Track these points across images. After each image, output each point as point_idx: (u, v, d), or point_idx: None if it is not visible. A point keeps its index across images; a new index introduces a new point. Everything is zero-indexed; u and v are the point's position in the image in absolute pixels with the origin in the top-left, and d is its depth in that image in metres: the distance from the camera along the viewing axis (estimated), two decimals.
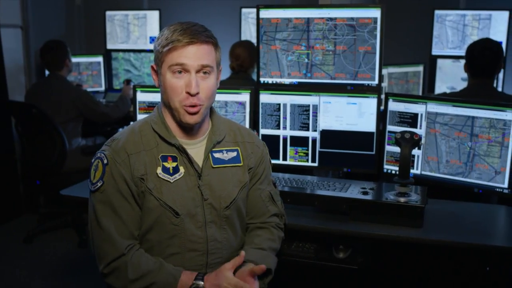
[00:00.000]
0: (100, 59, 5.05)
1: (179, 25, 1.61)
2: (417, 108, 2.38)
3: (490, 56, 2.98)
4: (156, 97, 2.59)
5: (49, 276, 3.46)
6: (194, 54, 1.58)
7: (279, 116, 2.55)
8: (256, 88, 2.59)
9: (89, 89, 4.76)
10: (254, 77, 3.58)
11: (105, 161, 1.63)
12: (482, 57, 2.98)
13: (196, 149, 1.71)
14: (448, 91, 4.10)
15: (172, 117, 1.68)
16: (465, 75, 3.25)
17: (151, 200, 1.63)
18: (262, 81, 2.63)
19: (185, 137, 1.70)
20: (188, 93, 1.59)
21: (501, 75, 3.89)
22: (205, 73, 1.61)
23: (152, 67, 1.70)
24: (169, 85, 1.61)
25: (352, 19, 2.44)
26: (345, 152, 2.49)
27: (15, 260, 3.68)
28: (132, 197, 1.64)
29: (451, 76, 4.24)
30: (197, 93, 1.60)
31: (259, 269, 1.60)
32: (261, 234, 1.80)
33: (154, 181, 1.64)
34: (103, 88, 5.07)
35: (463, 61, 3.13)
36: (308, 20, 2.51)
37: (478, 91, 2.96)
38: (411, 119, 2.39)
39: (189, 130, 1.69)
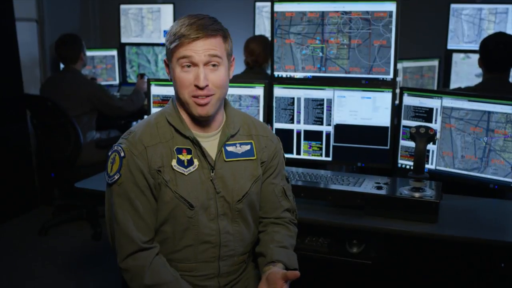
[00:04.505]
0: (114, 52, 5.07)
1: (187, 19, 1.60)
2: (432, 103, 2.36)
3: (505, 50, 2.96)
4: (170, 91, 2.60)
5: (63, 268, 3.49)
6: (201, 48, 1.58)
7: (293, 110, 2.55)
8: (270, 82, 2.59)
9: (103, 83, 4.79)
10: (269, 72, 3.58)
11: (122, 154, 1.64)
12: (497, 51, 2.96)
13: (210, 142, 1.71)
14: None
15: (185, 110, 1.68)
16: (478, 71, 3.22)
17: (167, 192, 1.64)
18: (276, 75, 2.63)
19: (199, 130, 1.70)
20: (196, 86, 1.59)
21: None
22: (214, 65, 1.61)
23: (164, 61, 1.71)
24: (178, 79, 1.62)
25: (367, 12, 2.43)
26: (359, 147, 2.48)
27: (30, 252, 3.72)
28: (149, 190, 1.64)
29: (466, 74, 4.20)
30: (206, 86, 1.60)
31: (292, 275, 1.58)
32: (279, 230, 1.80)
33: (170, 173, 1.64)
34: (117, 82, 5.10)
35: (473, 56, 3.10)
36: (323, 14, 2.50)
37: (494, 85, 2.94)
38: (426, 114, 2.37)
39: (203, 123, 1.69)
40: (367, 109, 2.45)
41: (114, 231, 1.66)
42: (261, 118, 2.54)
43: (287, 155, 2.29)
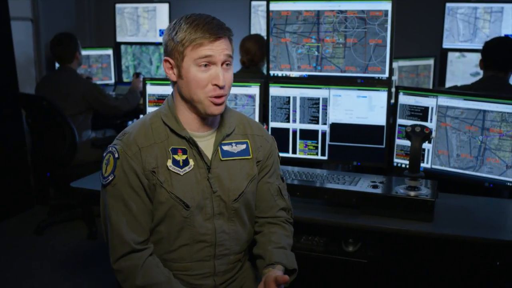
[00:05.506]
0: (110, 52, 5.06)
1: (199, 18, 1.60)
2: (428, 102, 2.37)
3: (507, 49, 2.99)
4: (166, 90, 2.60)
5: (59, 267, 3.49)
6: (220, 47, 1.59)
7: (289, 109, 2.55)
8: (265, 81, 2.59)
9: (98, 82, 4.78)
10: (265, 71, 3.58)
11: (116, 155, 1.63)
12: (499, 49, 2.99)
13: (206, 142, 1.71)
14: None
15: (190, 109, 1.67)
16: (473, 69, 3.24)
17: (162, 193, 1.64)
18: (272, 74, 2.63)
19: (195, 130, 1.70)
20: (216, 85, 1.59)
21: None
22: (228, 64, 1.62)
23: (166, 60, 1.66)
24: (194, 79, 1.60)
25: (362, 11, 2.43)
26: (355, 146, 2.49)
27: (26, 251, 3.71)
28: (143, 191, 1.64)
29: (461, 72, 4.21)
30: (224, 85, 1.61)
31: (282, 280, 1.58)
32: (276, 231, 1.79)
33: (165, 173, 1.64)
34: (112, 81, 5.09)
35: (468, 55, 3.11)
36: (318, 13, 2.50)
37: (491, 84, 2.95)
38: (422, 113, 2.38)
39: (204, 122, 1.69)
40: (363, 108, 2.45)
41: (108, 232, 1.66)
42: (256, 117, 2.54)
43: (282, 154, 2.29)
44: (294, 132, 2.56)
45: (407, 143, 2.30)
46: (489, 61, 3.01)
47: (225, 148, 1.73)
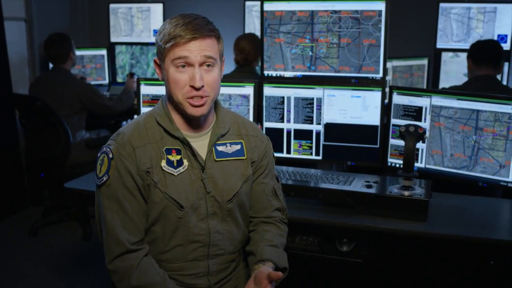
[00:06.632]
0: (104, 52, 5.05)
1: (181, 18, 1.59)
2: (422, 102, 2.37)
3: (493, 45, 3.06)
4: (159, 90, 2.60)
5: (53, 268, 3.48)
6: (197, 48, 1.57)
7: (283, 109, 2.55)
8: (260, 81, 2.59)
9: (92, 82, 4.76)
10: (259, 71, 3.58)
11: (111, 155, 1.63)
12: (485, 45, 3.05)
13: (200, 142, 1.71)
14: None
15: (177, 110, 1.67)
16: (466, 70, 3.27)
17: (157, 193, 1.63)
18: (266, 74, 2.63)
19: (189, 130, 1.70)
20: (192, 87, 1.59)
21: (505, 68, 3.88)
22: (208, 65, 1.60)
23: (155, 61, 1.69)
24: (173, 80, 1.60)
25: (356, 11, 2.44)
26: (349, 146, 2.49)
27: (20, 253, 3.70)
28: (137, 191, 1.64)
29: (455, 72, 4.22)
30: (202, 87, 1.59)
31: (276, 276, 1.57)
32: (270, 229, 1.79)
33: (159, 174, 1.64)
34: (106, 81, 5.07)
35: (462, 55, 3.14)
36: (312, 13, 2.50)
37: (483, 84, 2.95)
38: (416, 113, 2.38)
39: (194, 123, 1.69)
40: (357, 108, 2.45)
41: (103, 233, 1.65)
42: (251, 117, 2.54)
43: (277, 154, 2.29)
44: (289, 132, 2.57)
45: (401, 143, 2.30)
46: (477, 57, 3.04)
47: (220, 148, 1.73)
